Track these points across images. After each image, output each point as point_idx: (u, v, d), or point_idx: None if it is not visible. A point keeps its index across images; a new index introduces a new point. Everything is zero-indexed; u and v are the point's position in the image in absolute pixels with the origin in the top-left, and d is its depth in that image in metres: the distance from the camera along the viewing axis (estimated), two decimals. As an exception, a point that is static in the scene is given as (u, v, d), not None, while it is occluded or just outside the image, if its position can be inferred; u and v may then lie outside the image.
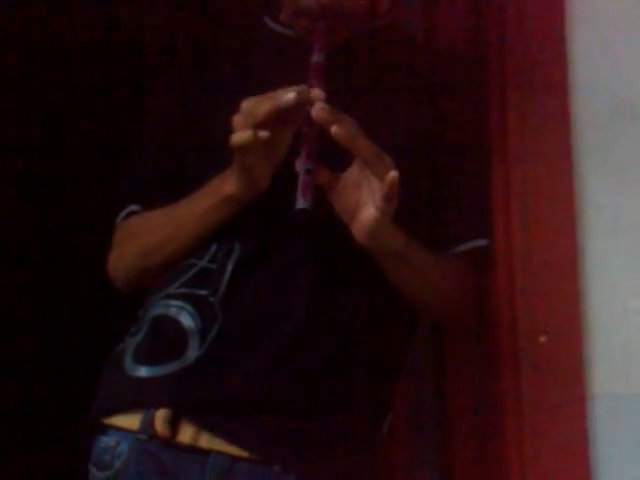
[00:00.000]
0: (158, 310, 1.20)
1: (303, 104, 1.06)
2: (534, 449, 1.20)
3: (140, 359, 1.18)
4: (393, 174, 1.04)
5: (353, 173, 1.10)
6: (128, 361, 1.19)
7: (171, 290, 1.20)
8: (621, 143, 1.27)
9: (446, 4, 1.41)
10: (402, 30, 1.35)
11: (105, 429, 1.19)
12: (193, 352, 1.15)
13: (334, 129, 1.04)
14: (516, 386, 1.22)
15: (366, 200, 1.08)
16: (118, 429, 1.17)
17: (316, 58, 1.13)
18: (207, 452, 1.14)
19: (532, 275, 1.24)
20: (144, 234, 1.25)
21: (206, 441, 1.14)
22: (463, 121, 1.26)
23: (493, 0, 1.34)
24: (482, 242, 1.25)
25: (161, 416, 1.14)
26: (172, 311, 1.18)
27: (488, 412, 1.28)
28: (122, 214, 1.29)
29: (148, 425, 1.15)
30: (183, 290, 1.19)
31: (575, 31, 1.30)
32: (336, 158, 1.08)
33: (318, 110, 1.05)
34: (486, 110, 1.30)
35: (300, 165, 1.05)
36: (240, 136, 1.06)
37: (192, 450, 1.14)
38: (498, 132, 1.29)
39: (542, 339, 1.22)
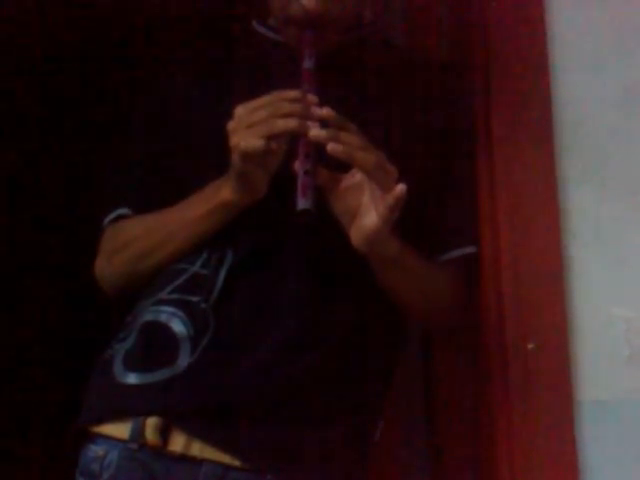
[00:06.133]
0: (149, 316, 1.18)
1: (300, 112, 1.06)
2: (523, 455, 1.20)
3: (130, 366, 1.16)
4: (401, 187, 1.04)
5: (355, 175, 1.10)
6: (117, 368, 1.16)
7: (162, 296, 1.18)
8: (604, 151, 1.29)
9: (428, 11, 1.42)
10: (387, 37, 1.36)
11: (93, 438, 1.17)
12: (184, 359, 1.14)
13: (330, 147, 1.04)
14: (504, 393, 1.22)
15: (368, 205, 1.08)
16: (107, 438, 1.15)
17: (307, 64, 1.14)
18: (199, 461, 1.12)
19: (519, 283, 1.25)
20: (135, 239, 1.23)
21: (198, 450, 1.12)
22: (450, 128, 1.26)
23: (475, 3, 1.35)
24: (470, 250, 1.25)
25: (152, 424, 1.12)
26: (163, 317, 1.17)
27: (477, 419, 1.29)
28: (110, 217, 1.27)
29: (138, 434, 1.13)
30: (174, 296, 1.18)
31: (556, 39, 1.31)
32: (339, 159, 1.07)
33: (315, 132, 1.05)
34: (471, 118, 1.31)
35: (299, 166, 1.05)
36: (252, 143, 1.05)
37: (183, 459, 1.13)
38: (483, 141, 1.30)
39: (530, 346, 1.22)
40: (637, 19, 1.31)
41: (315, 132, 1.05)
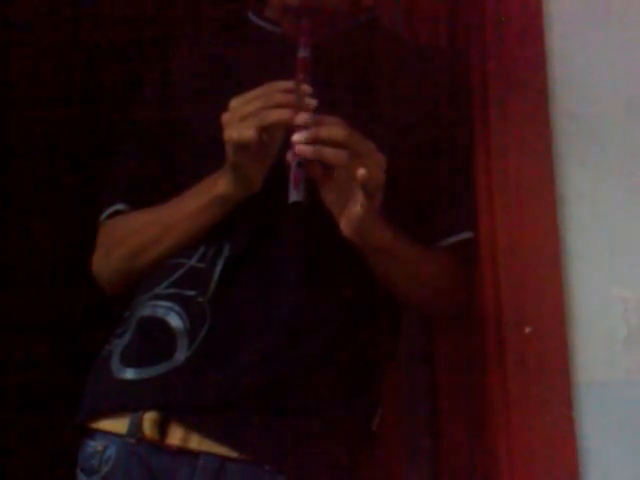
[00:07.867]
0: (145, 311, 1.18)
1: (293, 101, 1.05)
2: (522, 438, 1.20)
3: (127, 361, 1.16)
4: (362, 172, 1.03)
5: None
6: (115, 363, 1.17)
7: (159, 290, 1.18)
8: (600, 133, 1.28)
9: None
10: (385, 25, 1.35)
11: (92, 433, 1.17)
12: (182, 353, 1.14)
13: (298, 149, 1.02)
14: (502, 377, 1.22)
15: (355, 195, 1.07)
16: (106, 433, 1.16)
17: (302, 53, 1.13)
18: (197, 453, 1.13)
19: (516, 266, 1.24)
20: (131, 234, 1.22)
21: (196, 442, 1.13)
22: (447, 115, 1.26)
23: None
24: (467, 235, 1.25)
25: (149, 419, 1.13)
26: (160, 312, 1.16)
27: (476, 403, 1.29)
28: (106, 212, 1.26)
29: (136, 428, 1.13)
30: (171, 290, 1.17)
31: (552, 27, 1.30)
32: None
33: (296, 137, 1.03)
34: (468, 104, 1.30)
35: (291, 159, 1.04)
36: (244, 134, 1.04)
37: (181, 452, 1.13)
38: (480, 125, 1.28)
39: (527, 330, 1.22)
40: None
41: (296, 137, 1.03)
